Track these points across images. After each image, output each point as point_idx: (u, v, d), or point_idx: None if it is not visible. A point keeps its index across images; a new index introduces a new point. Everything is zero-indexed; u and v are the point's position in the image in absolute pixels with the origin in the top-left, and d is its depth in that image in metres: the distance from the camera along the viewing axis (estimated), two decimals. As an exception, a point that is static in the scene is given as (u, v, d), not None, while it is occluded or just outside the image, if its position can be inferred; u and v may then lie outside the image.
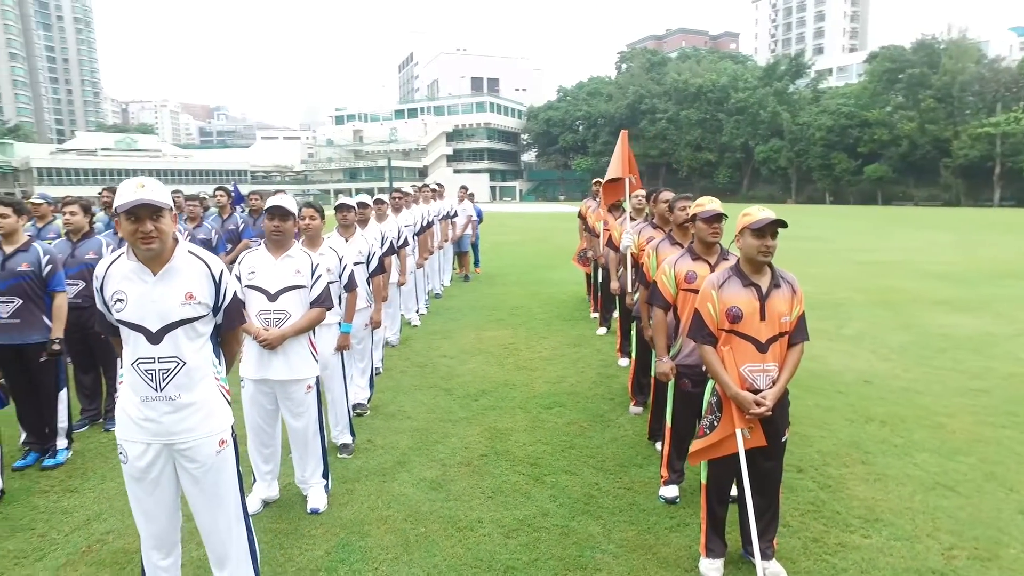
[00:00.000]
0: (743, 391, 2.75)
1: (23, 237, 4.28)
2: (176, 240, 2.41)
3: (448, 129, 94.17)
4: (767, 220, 2.71)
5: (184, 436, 2.41)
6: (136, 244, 2.28)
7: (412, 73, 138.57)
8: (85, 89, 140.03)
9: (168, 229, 2.31)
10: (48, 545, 3.42)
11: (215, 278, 2.43)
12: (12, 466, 4.34)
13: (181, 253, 2.40)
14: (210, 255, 2.49)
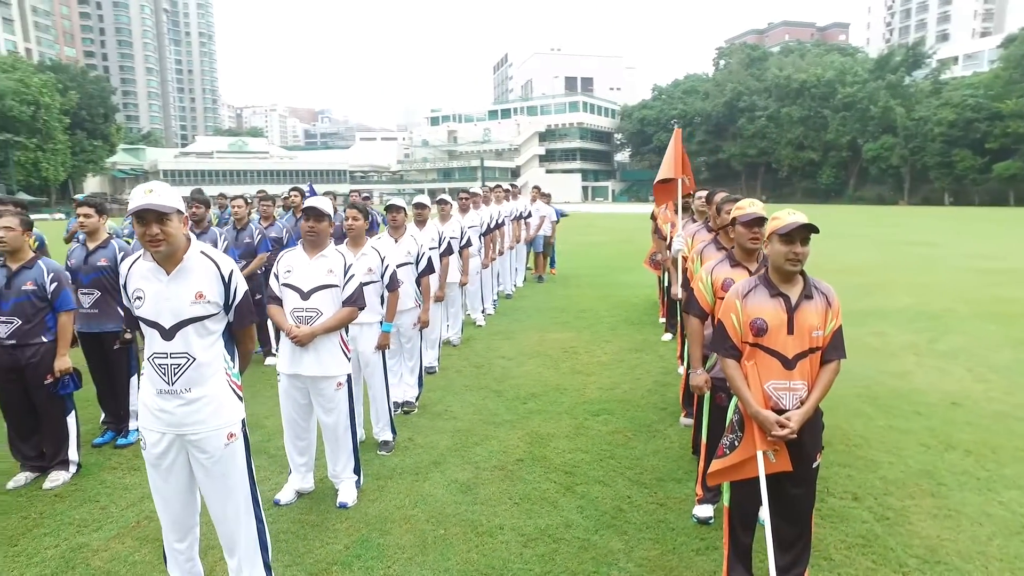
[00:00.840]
0: (766, 410, 2.53)
1: (104, 235, 4.66)
2: (189, 241, 2.52)
3: (541, 129, 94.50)
4: (795, 224, 2.48)
5: (195, 428, 2.53)
6: (145, 246, 2.41)
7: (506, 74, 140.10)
8: (205, 97, 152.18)
9: (175, 232, 2.42)
10: (106, 517, 3.69)
11: (224, 278, 2.53)
12: (92, 442, 4.74)
13: (193, 254, 2.52)
14: (222, 256, 2.60)
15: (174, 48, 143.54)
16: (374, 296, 4.46)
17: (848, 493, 3.82)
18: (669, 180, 5.57)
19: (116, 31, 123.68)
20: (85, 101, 65.04)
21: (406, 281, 5.27)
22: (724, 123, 77.99)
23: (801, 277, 2.61)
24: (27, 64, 62.83)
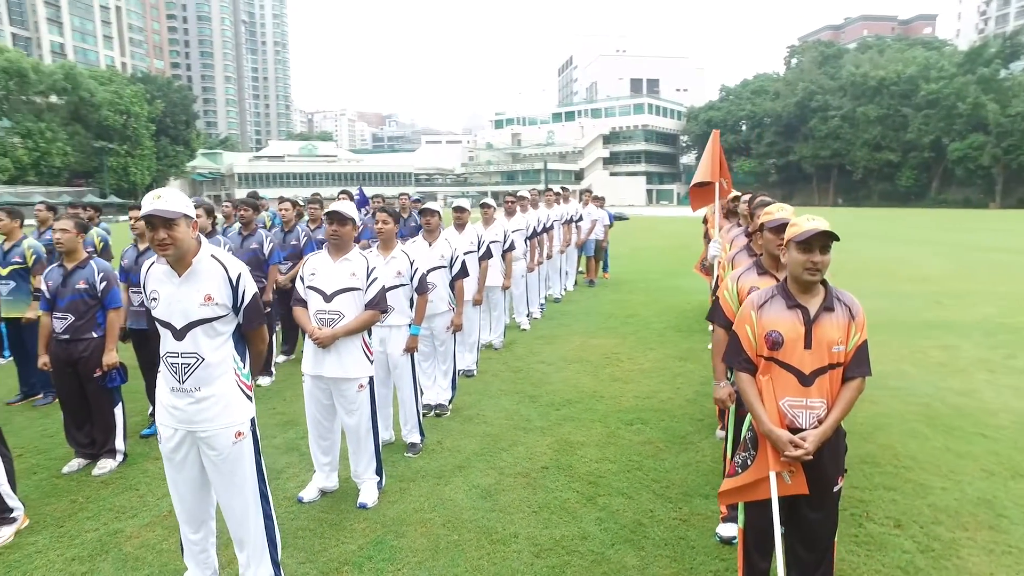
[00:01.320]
0: (780, 429, 2.38)
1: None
2: (199, 244, 2.60)
3: (605, 132, 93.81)
4: (813, 231, 2.32)
5: (204, 425, 2.61)
6: (154, 250, 2.50)
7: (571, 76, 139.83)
8: (279, 103, 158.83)
9: (183, 236, 2.51)
10: (142, 505, 3.87)
11: (232, 281, 2.59)
12: (140, 433, 4.98)
13: (204, 257, 2.60)
14: (232, 260, 2.66)
15: (251, 57, 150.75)
16: (403, 299, 4.50)
17: (890, 519, 3.56)
18: (707, 183, 5.38)
19: (199, 43, 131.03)
20: (169, 109, 69.07)
21: (439, 284, 5.30)
22: (795, 124, 75.20)
23: (823, 287, 2.45)
24: (121, 77, 67.33)
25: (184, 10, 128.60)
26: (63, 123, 57.84)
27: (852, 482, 3.98)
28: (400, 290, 4.46)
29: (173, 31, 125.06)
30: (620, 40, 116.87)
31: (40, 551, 3.41)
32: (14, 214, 5.73)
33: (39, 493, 4.09)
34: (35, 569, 3.24)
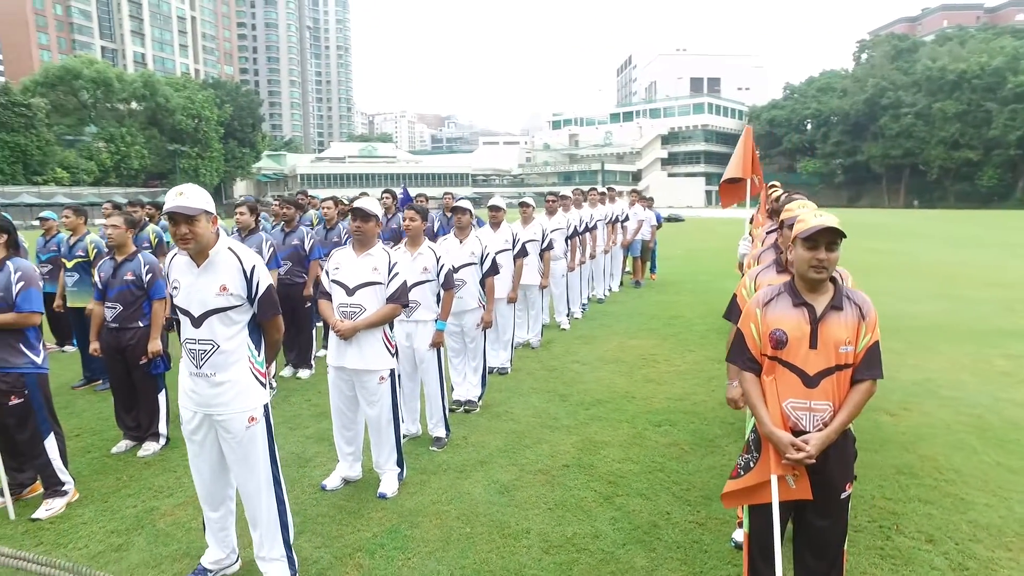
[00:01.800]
0: (781, 431, 2.30)
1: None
2: (217, 237, 2.73)
3: (663, 132, 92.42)
4: (819, 228, 2.24)
5: (219, 409, 2.74)
6: (176, 243, 2.64)
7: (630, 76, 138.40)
8: (341, 105, 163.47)
9: (202, 231, 2.64)
10: (178, 486, 4.07)
11: (246, 273, 2.71)
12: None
13: (221, 250, 2.73)
14: (247, 252, 2.79)
15: (314, 61, 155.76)
16: (430, 295, 4.58)
17: (922, 534, 3.39)
18: (738, 180, 5.23)
19: (266, 49, 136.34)
20: (237, 113, 72.12)
21: (470, 282, 5.36)
22: (863, 122, 72.04)
23: (832, 286, 2.36)
24: (194, 83, 70.88)
25: (253, 18, 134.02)
26: (141, 128, 61.37)
27: (885, 493, 3.81)
28: (427, 286, 4.54)
29: (243, 38, 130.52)
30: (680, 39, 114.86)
31: (85, 523, 3.64)
32: (79, 212, 6.13)
33: (90, 470, 4.36)
34: (79, 538, 3.47)
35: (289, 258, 6.28)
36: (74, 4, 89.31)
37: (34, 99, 52.89)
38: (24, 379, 3.70)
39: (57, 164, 53.80)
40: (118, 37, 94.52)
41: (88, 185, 53.96)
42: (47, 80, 57.49)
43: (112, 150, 57.72)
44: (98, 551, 3.34)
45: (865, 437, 4.65)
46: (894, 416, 5.14)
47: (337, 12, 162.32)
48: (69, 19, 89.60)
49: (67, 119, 57.52)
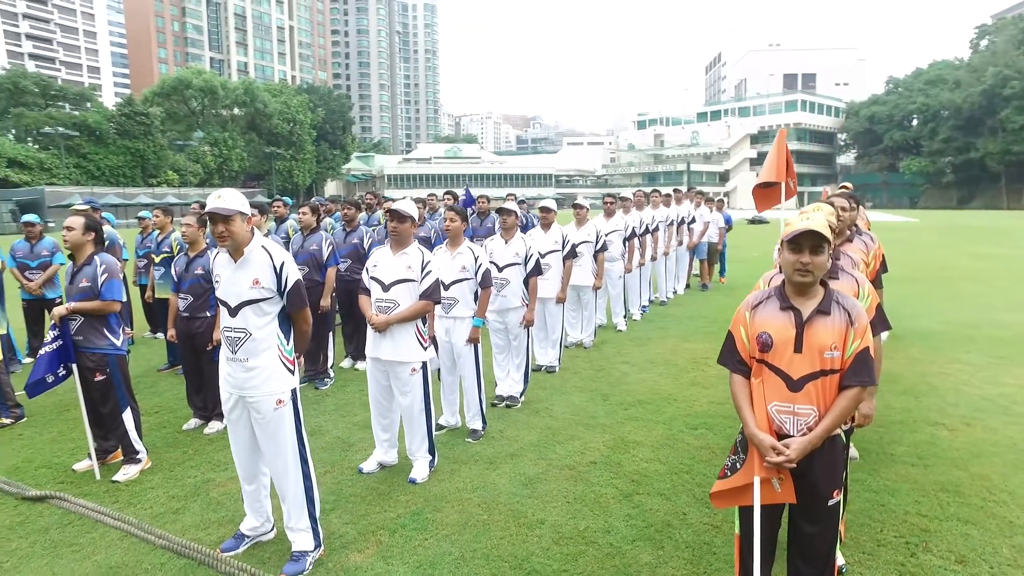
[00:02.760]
0: (763, 433, 2.32)
1: (265, 229, 5.58)
2: (253, 235, 3.03)
3: (753, 131, 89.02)
4: (800, 231, 2.25)
5: (251, 392, 3.04)
6: (215, 240, 2.96)
7: (719, 74, 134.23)
8: (428, 107, 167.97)
9: (237, 230, 2.95)
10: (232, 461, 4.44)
11: (276, 268, 3.00)
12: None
13: (255, 247, 3.02)
14: (278, 249, 3.07)
15: (403, 65, 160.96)
16: (468, 292, 4.77)
17: (953, 553, 3.24)
18: (772, 184, 5.11)
19: (358, 54, 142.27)
20: (329, 116, 75.73)
21: (513, 281, 5.52)
22: (979, 116, 66.44)
23: (822, 290, 2.35)
24: (290, 88, 75.02)
25: (346, 25, 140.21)
26: (242, 132, 65.73)
27: (920, 509, 3.66)
28: (465, 284, 4.74)
29: (336, 45, 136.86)
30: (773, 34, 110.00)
31: (153, 488, 4.09)
32: (167, 211, 6.78)
33: (163, 443, 4.86)
34: (146, 501, 3.91)
35: (349, 256, 6.65)
36: (189, 20, 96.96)
37: (152, 108, 57.84)
38: (107, 359, 4.19)
39: (169, 167, 58.58)
40: (224, 48, 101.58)
41: (194, 186, 58.26)
42: (163, 90, 62.68)
43: (216, 153, 62.18)
44: (160, 512, 3.76)
45: (914, 451, 4.47)
46: (952, 431, 4.87)
47: (425, 17, 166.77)
48: (184, 34, 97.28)
49: (178, 125, 62.43)
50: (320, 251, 6.13)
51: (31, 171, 48.99)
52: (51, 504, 3.89)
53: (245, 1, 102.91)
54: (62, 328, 4.04)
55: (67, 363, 4.10)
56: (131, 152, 55.51)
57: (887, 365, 6.67)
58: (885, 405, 5.43)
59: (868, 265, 4.14)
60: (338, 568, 3.15)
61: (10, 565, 3.26)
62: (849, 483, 3.92)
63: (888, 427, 4.93)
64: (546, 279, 6.51)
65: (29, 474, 4.35)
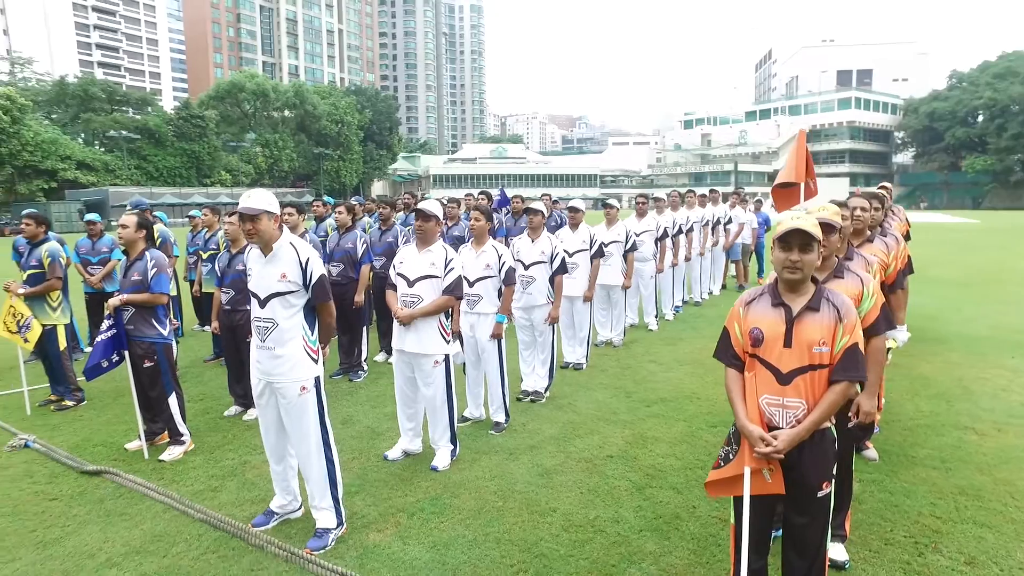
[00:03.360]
0: (752, 425, 2.41)
1: (302, 228, 5.89)
2: (281, 233, 3.26)
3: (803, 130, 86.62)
4: (789, 229, 2.32)
5: (277, 377, 3.27)
6: (245, 237, 3.20)
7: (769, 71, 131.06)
8: (474, 108, 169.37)
9: (264, 228, 3.19)
10: (271, 448, 4.75)
11: (302, 264, 3.22)
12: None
13: (283, 244, 3.26)
14: (305, 246, 3.30)
15: (449, 66, 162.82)
16: (492, 290, 4.94)
17: (963, 555, 3.23)
18: (791, 185, 5.10)
19: (405, 56, 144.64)
20: (376, 117, 77.18)
21: (539, 279, 5.66)
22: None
23: (813, 287, 2.42)
24: (338, 90, 76.82)
25: (394, 27, 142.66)
26: (292, 133, 67.68)
27: (935, 511, 3.64)
28: (489, 281, 4.91)
29: (384, 47, 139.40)
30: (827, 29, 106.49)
31: (194, 468, 4.40)
32: (214, 210, 7.17)
33: (206, 428, 5.19)
34: (188, 479, 4.22)
35: (384, 254, 6.90)
36: (243, 26, 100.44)
37: (207, 111, 60.16)
38: (154, 347, 4.52)
39: (222, 168, 60.87)
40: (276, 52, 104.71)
41: (246, 186, 60.30)
42: (217, 94, 65.13)
43: (267, 154, 64.28)
44: (199, 489, 4.05)
45: (937, 455, 4.42)
46: (982, 436, 4.78)
47: (472, 18, 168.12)
48: (239, 39, 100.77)
49: (232, 127, 64.74)
50: (355, 249, 6.40)
51: (97, 172, 51.70)
52: (106, 478, 4.23)
53: (296, 6, 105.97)
54: (115, 318, 4.38)
55: (120, 350, 4.45)
56: (187, 153, 57.96)
57: (922, 368, 6.57)
58: (915, 408, 5.37)
59: (888, 267, 4.13)
60: (358, 545, 3.36)
61: (71, 528, 3.60)
62: (863, 483, 3.95)
63: (913, 430, 4.88)
64: (573, 278, 6.63)
65: (88, 451, 4.73)
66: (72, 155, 50.35)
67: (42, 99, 57.83)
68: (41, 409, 5.74)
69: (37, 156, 47.57)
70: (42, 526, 3.66)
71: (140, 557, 3.29)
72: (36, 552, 3.39)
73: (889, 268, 4.16)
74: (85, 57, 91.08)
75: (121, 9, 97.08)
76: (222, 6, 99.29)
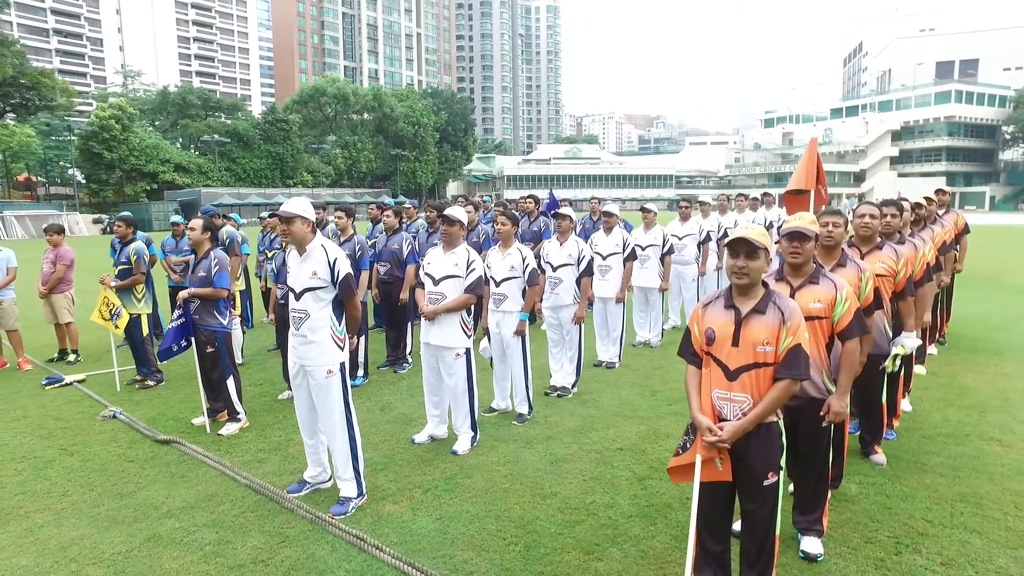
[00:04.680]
0: (702, 416, 2.65)
1: (350, 231, 6.43)
2: (314, 235, 3.74)
3: (895, 127, 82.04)
4: (734, 238, 2.56)
5: (308, 361, 3.76)
6: (281, 238, 3.69)
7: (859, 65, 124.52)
8: (549, 108, 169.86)
9: (296, 230, 3.67)
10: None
11: (330, 263, 3.68)
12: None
13: (315, 244, 3.73)
14: (334, 248, 3.77)
15: (525, 67, 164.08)
16: (516, 289, 5.29)
17: (940, 556, 3.30)
18: (802, 192, 5.15)
19: (481, 58, 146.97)
20: (451, 119, 78.94)
21: (566, 280, 5.97)
22: None
23: (763, 291, 2.64)
24: (415, 93, 79.11)
25: (470, 30, 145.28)
26: (370, 135, 70.31)
27: (927, 515, 3.70)
28: (513, 281, 5.26)
29: (460, 49, 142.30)
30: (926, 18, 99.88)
31: (246, 442, 5.00)
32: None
33: (260, 409, 5.80)
34: (240, 451, 4.81)
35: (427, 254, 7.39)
36: (327, 33, 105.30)
37: (291, 115, 63.47)
38: (215, 335, 5.15)
39: (304, 169, 64.02)
40: (358, 57, 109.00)
41: (326, 187, 63.29)
42: (301, 98, 68.69)
43: (346, 156, 67.22)
44: (247, 460, 4.63)
45: (950, 463, 4.42)
46: (1007, 447, 4.71)
47: (548, 19, 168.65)
48: (322, 45, 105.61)
49: (314, 130, 68.10)
50: (401, 250, 6.90)
51: (191, 174, 55.79)
52: (173, 447, 4.89)
53: (377, 12, 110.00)
54: (184, 309, 5.04)
55: (188, 336, 5.10)
56: (272, 156, 61.47)
57: (965, 379, 6.40)
58: (942, 418, 5.32)
59: (896, 274, 4.19)
60: (373, 514, 3.80)
61: (142, 485, 4.24)
62: (862, 485, 4.05)
63: (933, 439, 4.86)
64: (606, 280, 6.90)
65: (161, 424, 5.43)
66: (171, 159, 54.61)
67: (147, 108, 62.88)
68: (128, 387, 6.56)
69: (142, 160, 51.97)
70: (121, 481, 4.32)
71: (193, 511, 3.87)
72: (115, 501, 4.04)
73: (898, 275, 4.22)
74: (185, 67, 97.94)
75: (218, 21, 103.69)
76: (308, 14, 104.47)
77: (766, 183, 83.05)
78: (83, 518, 3.84)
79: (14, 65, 43.16)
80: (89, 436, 5.21)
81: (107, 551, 3.46)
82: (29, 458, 4.80)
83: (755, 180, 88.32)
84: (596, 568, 3.25)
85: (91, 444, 5.03)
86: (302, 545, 3.48)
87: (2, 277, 7.38)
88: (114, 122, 49.44)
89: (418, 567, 3.19)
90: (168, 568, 3.29)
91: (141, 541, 3.55)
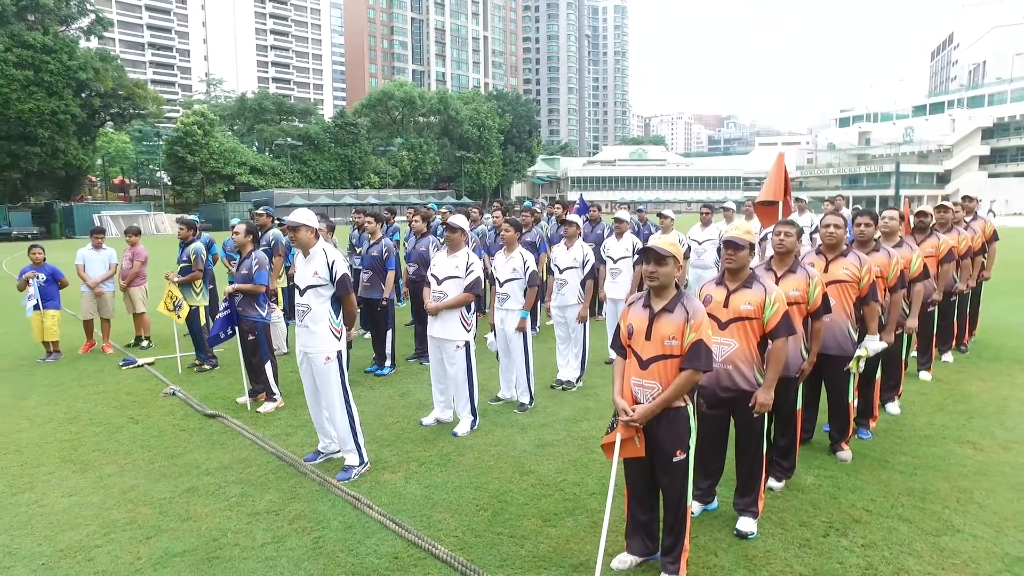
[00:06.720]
0: (620, 399, 3.13)
1: (379, 234, 7.14)
2: (317, 240, 4.42)
3: (986, 124, 76.96)
4: (646, 247, 3.02)
5: (309, 348, 4.45)
6: (291, 243, 4.38)
7: (948, 59, 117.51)
8: (616, 109, 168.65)
9: (301, 237, 4.35)
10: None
11: (329, 264, 4.34)
12: (364, 369, 7.29)
13: (318, 248, 4.40)
14: (333, 251, 4.44)
15: (592, 68, 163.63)
16: (518, 289, 5.83)
17: (863, 539, 3.60)
18: (772, 203, 5.42)
19: (547, 59, 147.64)
20: (516, 121, 79.90)
21: (571, 282, 6.46)
22: None
23: (674, 292, 3.09)
24: (480, 95, 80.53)
25: (537, 32, 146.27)
26: (435, 137, 72.12)
27: (868, 506, 3.96)
28: (515, 282, 5.80)
29: (527, 51, 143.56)
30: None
31: (278, 419, 5.76)
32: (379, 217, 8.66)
33: (295, 392, 6.46)
34: (271, 426, 5.58)
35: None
36: (396, 38, 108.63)
37: (360, 119, 66.01)
38: (256, 325, 5.94)
39: (371, 171, 66.44)
40: (425, 60, 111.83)
41: (392, 188, 65.47)
42: (369, 102, 71.35)
43: (412, 158, 69.35)
44: (277, 433, 5.38)
45: (912, 462, 4.63)
46: (979, 450, 4.86)
47: (616, 19, 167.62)
48: (391, 50, 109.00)
49: (381, 133, 70.60)
50: (427, 253, 7.55)
51: (265, 176, 59.06)
52: (218, 420, 5.70)
53: (445, 16, 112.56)
54: (229, 302, 5.84)
55: (233, 326, 5.91)
56: (341, 158, 64.20)
57: (971, 386, 6.46)
58: (927, 421, 5.48)
59: (860, 279, 4.48)
60: (372, 481, 4.44)
61: (189, 449, 5.07)
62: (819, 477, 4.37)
63: (908, 440, 5.06)
64: (617, 282, 7.32)
65: (211, 401, 6.28)
66: (247, 161, 58.00)
67: (227, 113, 66.87)
68: (188, 370, 7.50)
69: (221, 163, 55.48)
70: (173, 445, 5.15)
71: (226, 471, 4.62)
72: (166, 460, 4.86)
73: (862, 281, 4.50)
74: (262, 74, 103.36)
75: (293, 29, 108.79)
76: (378, 20, 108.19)
77: (839, 185, 79.84)
78: (140, 471, 4.66)
79: (114, 78, 46.89)
80: (152, 409, 6.11)
81: (156, 496, 4.25)
82: (105, 423, 5.72)
83: (828, 182, 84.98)
84: (549, 532, 3.76)
85: (153, 415, 5.92)
86: (308, 501, 4.16)
87: (106, 272, 8.51)
88: (196, 127, 53.02)
89: (398, 522, 3.80)
90: (200, 512, 4.03)
91: (182, 491, 4.32)
